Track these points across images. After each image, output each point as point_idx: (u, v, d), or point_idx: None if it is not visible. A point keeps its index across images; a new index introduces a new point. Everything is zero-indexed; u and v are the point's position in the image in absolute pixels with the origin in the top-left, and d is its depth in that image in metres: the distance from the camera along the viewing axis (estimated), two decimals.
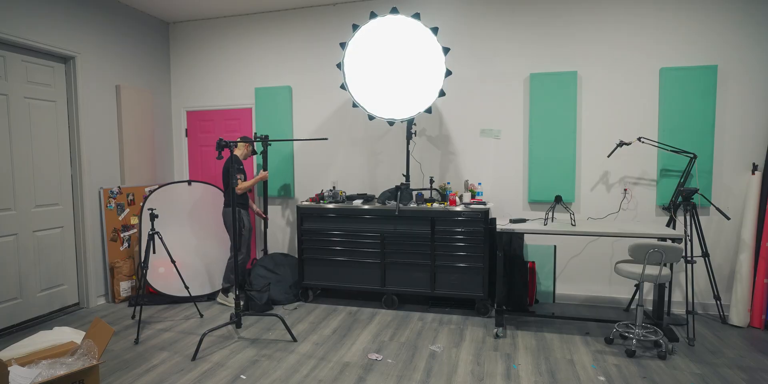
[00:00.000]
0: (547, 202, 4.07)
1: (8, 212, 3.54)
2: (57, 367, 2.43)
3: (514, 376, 2.78)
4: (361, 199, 4.13)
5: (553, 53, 4.07)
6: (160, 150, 4.98)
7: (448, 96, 3.96)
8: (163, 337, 3.42)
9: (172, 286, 4.20)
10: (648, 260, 2.97)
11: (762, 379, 2.72)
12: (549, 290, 4.14)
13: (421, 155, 4.37)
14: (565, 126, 4.00)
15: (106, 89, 4.32)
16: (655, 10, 3.84)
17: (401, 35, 3.74)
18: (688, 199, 3.47)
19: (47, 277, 3.83)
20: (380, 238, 3.95)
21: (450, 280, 3.82)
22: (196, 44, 5.03)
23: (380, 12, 3.88)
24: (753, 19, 3.66)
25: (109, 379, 2.77)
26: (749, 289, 3.56)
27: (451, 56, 3.96)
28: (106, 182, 4.31)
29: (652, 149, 3.89)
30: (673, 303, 3.86)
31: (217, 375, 2.81)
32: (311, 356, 3.07)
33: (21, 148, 3.62)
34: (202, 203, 4.47)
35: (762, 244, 3.53)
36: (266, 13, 4.77)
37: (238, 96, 4.93)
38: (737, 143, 3.74)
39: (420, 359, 3.01)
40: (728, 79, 3.73)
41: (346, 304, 4.12)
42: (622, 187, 3.99)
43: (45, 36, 3.73)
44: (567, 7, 4.02)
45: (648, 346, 3.19)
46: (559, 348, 3.18)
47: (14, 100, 3.58)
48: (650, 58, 3.87)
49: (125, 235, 4.44)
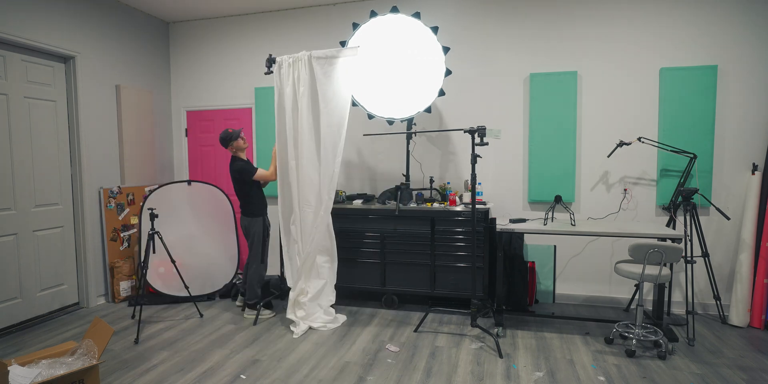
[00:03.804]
0: (547, 202, 4.06)
1: (8, 212, 3.54)
2: (57, 366, 2.43)
3: (513, 376, 2.78)
4: (361, 199, 4.13)
5: (553, 53, 4.06)
6: (160, 150, 4.98)
7: (448, 95, 3.95)
8: (163, 337, 3.42)
9: (172, 286, 4.20)
10: (648, 260, 2.97)
11: (762, 379, 2.72)
12: (549, 290, 4.14)
13: (421, 155, 4.37)
14: (565, 126, 4.00)
15: (106, 89, 4.32)
16: (656, 10, 3.84)
17: (401, 34, 3.74)
18: (688, 199, 3.47)
19: (47, 277, 3.83)
20: (380, 238, 3.95)
21: (450, 280, 3.82)
22: (196, 44, 5.03)
23: (380, 11, 3.87)
24: (753, 19, 3.66)
25: (109, 378, 2.77)
26: (749, 289, 3.56)
27: (451, 56, 3.96)
28: (106, 182, 4.31)
29: (652, 149, 3.89)
30: (673, 303, 3.86)
31: (217, 375, 2.81)
32: (311, 356, 3.07)
33: (21, 148, 3.62)
34: (202, 203, 4.46)
35: (762, 244, 3.53)
36: (266, 13, 4.77)
37: (238, 96, 4.93)
38: (737, 143, 3.74)
39: (420, 359, 3.01)
40: (728, 79, 3.73)
41: (346, 304, 4.12)
42: (622, 187, 3.99)
43: (45, 36, 3.73)
44: (567, 7, 4.01)
45: (648, 346, 3.19)
46: (559, 348, 3.18)
47: (14, 100, 3.58)
48: (650, 58, 3.87)
49: (125, 235, 4.44)
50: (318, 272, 3.63)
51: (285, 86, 3.57)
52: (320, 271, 3.63)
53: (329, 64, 3.47)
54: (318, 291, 3.60)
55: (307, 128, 3.54)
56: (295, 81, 3.54)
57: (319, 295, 3.62)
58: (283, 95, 3.59)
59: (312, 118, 3.55)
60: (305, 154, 3.55)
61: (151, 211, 3.63)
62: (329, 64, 3.47)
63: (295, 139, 3.58)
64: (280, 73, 3.60)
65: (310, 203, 3.57)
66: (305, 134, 3.54)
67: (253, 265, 3.78)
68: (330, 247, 3.64)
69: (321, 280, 3.63)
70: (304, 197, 3.58)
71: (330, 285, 3.67)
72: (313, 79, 3.50)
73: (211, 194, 4.50)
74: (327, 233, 3.59)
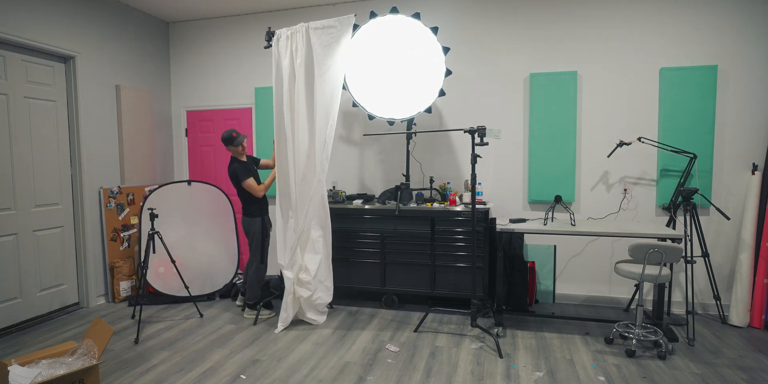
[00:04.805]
0: (547, 202, 4.06)
1: (8, 212, 3.54)
2: (57, 366, 2.43)
3: (513, 376, 2.78)
4: (361, 199, 4.13)
5: (554, 53, 4.07)
6: (160, 150, 4.97)
7: (448, 96, 3.95)
8: (163, 337, 3.42)
9: (172, 286, 4.19)
10: (648, 260, 2.97)
11: (762, 379, 2.72)
12: (549, 290, 4.13)
13: (421, 155, 4.37)
14: (565, 126, 4.00)
15: (106, 89, 4.32)
16: (656, 10, 3.84)
17: (401, 35, 3.74)
18: (688, 199, 3.47)
19: (47, 276, 3.83)
20: (380, 238, 3.95)
21: (450, 280, 3.82)
22: (196, 44, 5.03)
23: (380, 12, 3.87)
24: (753, 19, 3.66)
25: (109, 378, 2.77)
26: (749, 289, 3.56)
27: (451, 56, 3.96)
28: (106, 182, 4.31)
29: (652, 149, 3.89)
30: (673, 303, 3.86)
31: (217, 375, 2.81)
32: (311, 356, 3.07)
33: (21, 148, 3.62)
34: (202, 203, 4.46)
35: (762, 244, 3.53)
36: (266, 13, 4.77)
37: (238, 96, 4.93)
38: (737, 143, 3.74)
39: (420, 359, 3.01)
40: (728, 79, 3.73)
41: (346, 304, 4.12)
42: (622, 187, 3.99)
43: (45, 36, 3.73)
44: (567, 7, 4.02)
45: (648, 346, 3.19)
46: (559, 348, 3.18)
47: (14, 100, 3.58)
48: (650, 58, 3.87)
49: (125, 235, 4.44)
50: (314, 247, 3.65)
51: (282, 59, 3.60)
52: (315, 246, 3.65)
53: (326, 34, 3.52)
54: (317, 267, 3.61)
55: (302, 98, 3.57)
56: (293, 52, 3.58)
57: (318, 271, 3.62)
58: (281, 68, 3.61)
59: (305, 88, 3.57)
60: (300, 124, 3.57)
61: (151, 211, 3.63)
62: (326, 34, 3.52)
63: (292, 111, 3.59)
64: (278, 46, 3.64)
65: (304, 175, 3.60)
66: (300, 104, 3.56)
67: (253, 265, 3.78)
68: (324, 219, 3.65)
69: (317, 254, 3.64)
70: (299, 169, 3.60)
71: (326, 261, 3.68)
72: (309, 48, 3.54)
73: (211, 194, 4.50)
74: (321, 206, 3.62)
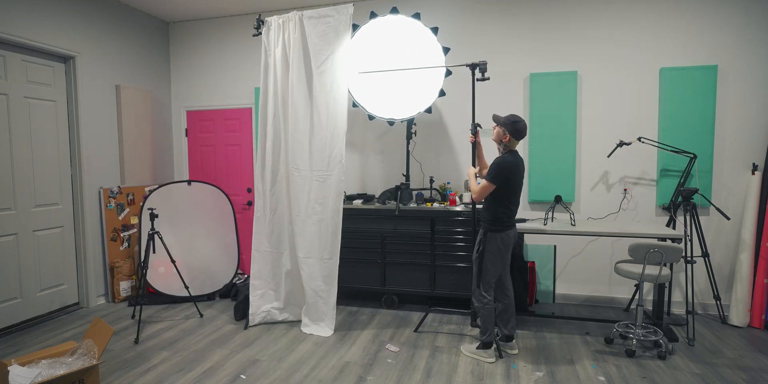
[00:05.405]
0: (547, 202, 4.06)
1: (8, 212, 3.54)
2: (57, 366, 2.43)
3: (513, 376, 2.78)
4: (361, 199, 4.13)
5: (553, 53, 4.06)
6: (160, 150, 4.97)
7: (448, 96, 3.95)
8: (163, 337, 3.42)
9: (172, 286, 4.19)
10: (648, 260, 2.97)
11: (762, 379, 2.73)
12: (549, 290, 4.14)
13: (421, 155, 4.37)
14: (565, 126, 4.00)
15: (106, 89, 4.32)
16: (656, 10, 3.84)
17: (401, 35, 3.74)
18: (688, 199, 3.47)
19: (47, 276, 3.83)
20: (380, 238, 3.95)
21: (450, 280, 3.82)
22: (196, 44, 5.03)
23: (380, 12, 3.87)
24: (753, 19, 3.66)
25: (109, 378, 2.77)
26: (749, 289, 3.56)
27: (451, 56, 3.95)
28: (106, 182, 4.31)
29: (652, 149, 3.89)
30: (673, 303, 3.86)
31: (217, 375, 2.81)
32: (311, 356, 3.07)
33: (21, 148, 3.62)
34: (202, 203, 4.46)
35: (762, 244, 3.53)
36: (266, 13, 4.76)
37: (238, 96, 4.92)
38: (737, 143, 3.74)
39: (420, 359, 3.01)
40: (728, 79, 3.73)
41: (346, 304, 4.12)
42: (622, 187, 3.99)
43: (45, 36, 3.73)
44: (567, 7, 4.02)
45: (648, 346, 3.19)
46: (559, 348, 3.18)
47: (14, 100, 3.58)
48: (650, 58, 3.87)
49: (125, 235, 4.44)
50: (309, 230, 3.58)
51: (275, 47, 3.52)
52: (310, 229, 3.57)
53: (323, 23, 3.40)
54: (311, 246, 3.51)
55: (298, 91, 3.48)
56: (286, 42, 3.49)
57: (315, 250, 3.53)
58: (272, 56, 3.53)
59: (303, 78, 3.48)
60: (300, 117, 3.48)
61: (151, 211, 3.63)
62: (323, 23, 3.40)
63: (284, 99, 3.52)
64: (268, 35, 3.55)
65: (298, 167, 3.51)
66: (297, 97, 3.48)
67: None
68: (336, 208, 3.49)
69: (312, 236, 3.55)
70: (292, 161, 3.51)
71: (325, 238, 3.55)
72: (304, 38, 3.44)
73: (211, 194, 4.50)
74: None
